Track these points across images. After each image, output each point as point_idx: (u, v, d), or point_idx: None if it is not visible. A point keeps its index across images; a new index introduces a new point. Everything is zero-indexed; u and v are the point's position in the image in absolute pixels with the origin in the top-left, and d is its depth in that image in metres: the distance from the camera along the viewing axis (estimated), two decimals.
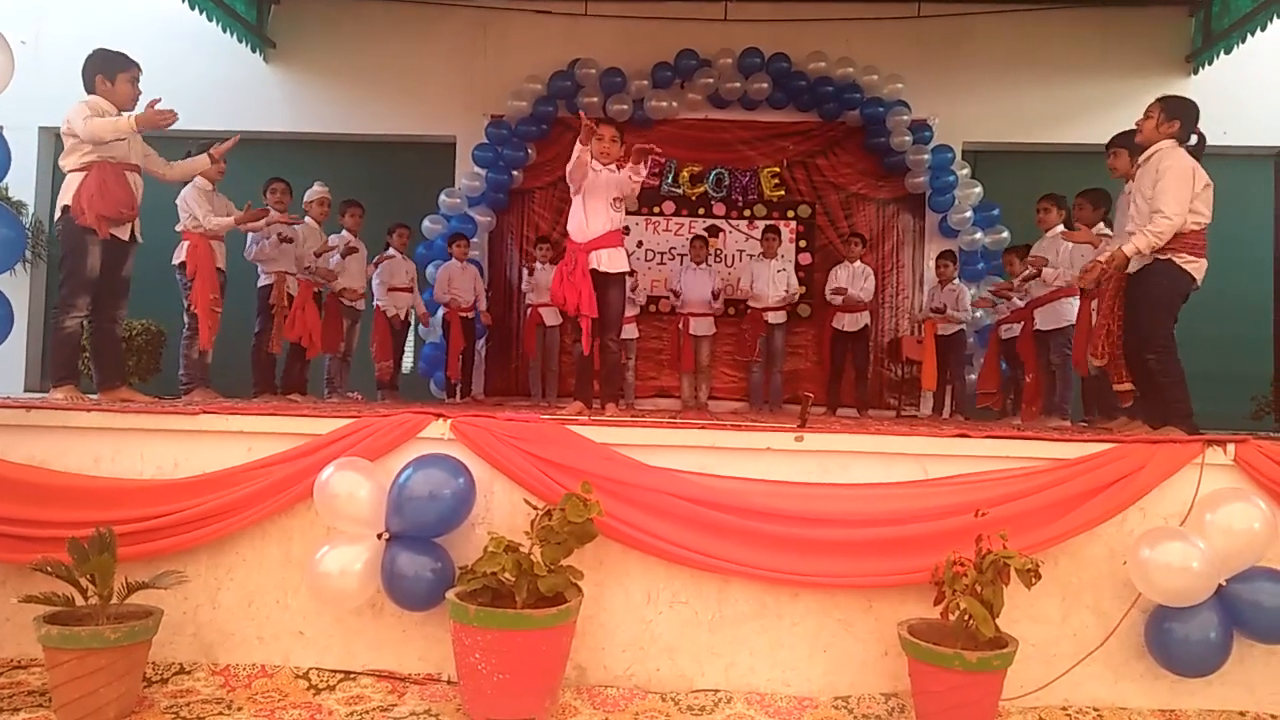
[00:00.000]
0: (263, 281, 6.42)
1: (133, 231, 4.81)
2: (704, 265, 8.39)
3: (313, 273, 6.62)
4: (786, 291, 8.17)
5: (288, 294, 6.36)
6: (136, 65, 4.72)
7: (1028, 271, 6.38)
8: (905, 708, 3.29)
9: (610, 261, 5.04)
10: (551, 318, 8.22)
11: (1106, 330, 4.59)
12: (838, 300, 7.98)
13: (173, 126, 4.50)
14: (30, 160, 8.90)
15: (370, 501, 3.29)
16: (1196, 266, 4.19)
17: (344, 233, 7.14)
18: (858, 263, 8.12)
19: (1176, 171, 4.12)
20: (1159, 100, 4.33)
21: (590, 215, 5.01)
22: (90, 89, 4.61)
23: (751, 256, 8.63)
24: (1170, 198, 4.08)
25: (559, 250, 8.48)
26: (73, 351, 4.71)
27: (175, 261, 5.71)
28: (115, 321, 4.92)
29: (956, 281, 7.81)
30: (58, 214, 4.61)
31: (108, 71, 4.62)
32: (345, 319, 7.14)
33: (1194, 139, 4.31)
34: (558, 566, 3.11)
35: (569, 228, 5.15)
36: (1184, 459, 3.43)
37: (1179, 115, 4.24)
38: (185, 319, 5.79)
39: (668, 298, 8.70)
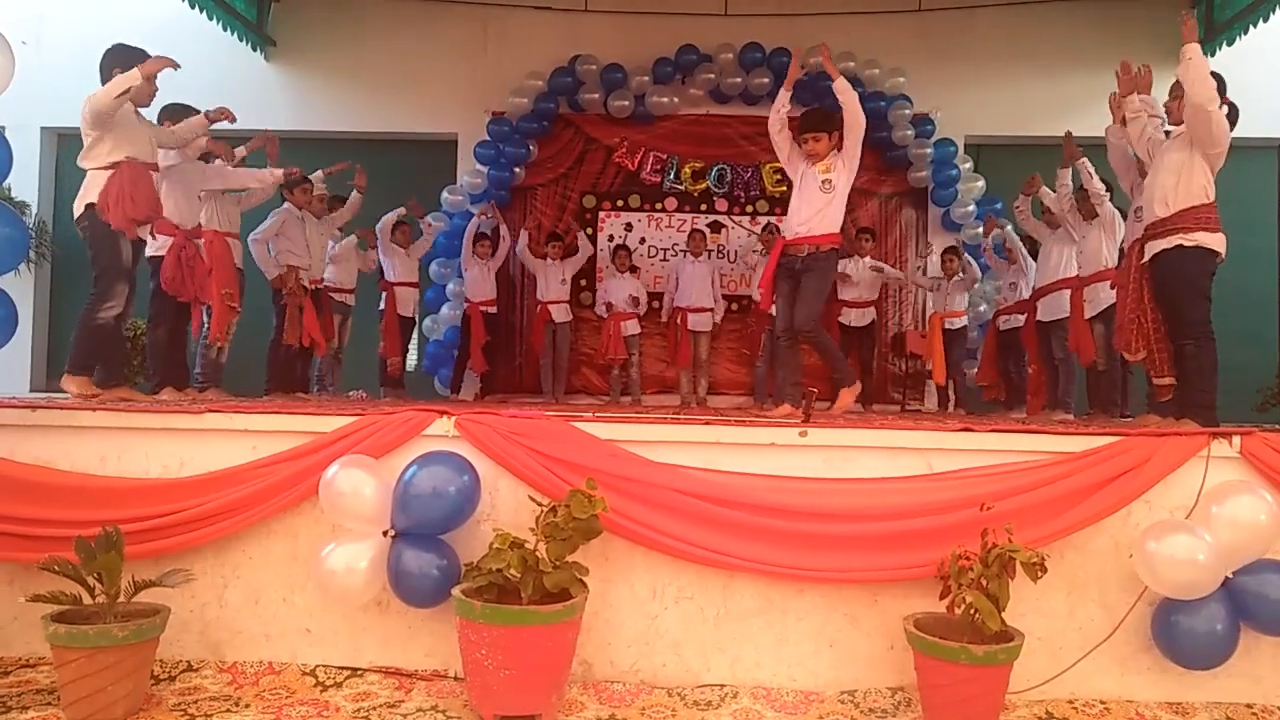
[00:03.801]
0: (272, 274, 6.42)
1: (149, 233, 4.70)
2: (703, 258, 8.36)
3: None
4: None
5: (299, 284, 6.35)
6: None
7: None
8: (912, 701, 3.30)
9: None
10: (560, 314, 8.21)
11: (1137, 323, 4.42)
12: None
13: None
14: (33, 160, 8.90)
15: (375, 499, 3.30)
16: (1216, 240, 4.14)
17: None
18: (867, 258, 8.06)
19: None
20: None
21: None
22: (105, 83, 4.51)
23: (756, 253, 8.60)
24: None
25: (570, 248, 8.52)
26: (99, 345, 4.61)
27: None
28: (123, 319, 4.83)
29: (961, 275, 7.77)
30: (79, 211, 4.48)
31: (126, 66, 4.51)
32: (335, 315, 7.14)
33: (1225, 108, 4.21)
34: (563, 563, 3.11)
35: None
36: (1190, 452, 3.42)
37: None
38: (204, 318, 5.74)
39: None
